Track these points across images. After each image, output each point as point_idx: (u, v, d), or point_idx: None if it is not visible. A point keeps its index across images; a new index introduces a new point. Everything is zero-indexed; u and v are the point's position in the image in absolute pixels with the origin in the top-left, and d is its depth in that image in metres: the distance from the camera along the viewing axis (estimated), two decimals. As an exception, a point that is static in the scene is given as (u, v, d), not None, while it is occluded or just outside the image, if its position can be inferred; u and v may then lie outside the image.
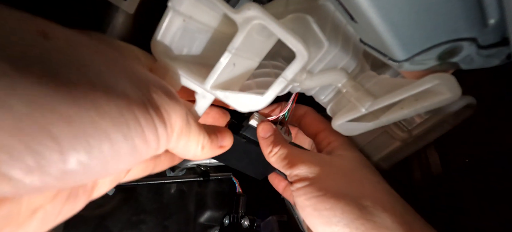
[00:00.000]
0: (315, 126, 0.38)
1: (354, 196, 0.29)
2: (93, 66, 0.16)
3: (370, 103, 0.30)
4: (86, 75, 0.15)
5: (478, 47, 0.23)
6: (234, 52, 0.26)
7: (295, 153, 0.33)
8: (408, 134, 0.37)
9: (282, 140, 0.36)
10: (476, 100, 0.36)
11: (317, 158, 0.33)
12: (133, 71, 0.20)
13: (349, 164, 0.32)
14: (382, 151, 0.39)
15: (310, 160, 0.32)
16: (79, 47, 0.17)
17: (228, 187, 0.58)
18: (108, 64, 0.18)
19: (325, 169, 0.31)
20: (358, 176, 0.31)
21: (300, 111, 0.40)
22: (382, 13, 0.21)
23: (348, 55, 0.31)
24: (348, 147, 0.35)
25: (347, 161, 0.33)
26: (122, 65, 0.19)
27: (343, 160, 0.33)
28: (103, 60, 0.18)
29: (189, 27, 0.27)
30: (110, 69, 0.17)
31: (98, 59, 0.17)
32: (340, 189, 0.29)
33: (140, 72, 0.20)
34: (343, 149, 0.35)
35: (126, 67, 0.19)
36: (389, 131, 0.38)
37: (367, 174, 0.32)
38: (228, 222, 0.52)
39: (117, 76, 0.18)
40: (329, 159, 0.33)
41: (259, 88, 0.32)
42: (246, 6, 0.24)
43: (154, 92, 0.20)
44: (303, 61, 0.27)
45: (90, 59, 0.17)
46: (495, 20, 0.20)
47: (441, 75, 0.24)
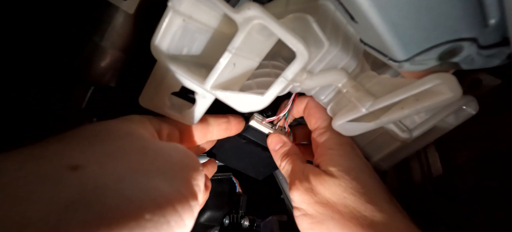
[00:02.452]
0: (311, 122, 0.38)
1: (336, 230, 0.30)
2: (125, 181, 0.17)
3: (371, 104, 0.29)
4: (123, 195, 0.16)
5: (479, 47, 0.23)
6: (234, 52, 0.26)
7: (295, 172, 0.34)
8: (409, 134, 0.37)
9: (290, 152, 0.36)
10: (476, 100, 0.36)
11: (305, 185, 0.33)
12: (162, 164, 0.21)
13: (333, 189, 0.32)
14: (382, 151, 0.39)
15: (302, 188, 0.33)
16: (109, 169, 0.18)
17: (228, 187, 0.58)
18: (137, 169, 0.19)
19: (310, 198, 0.32)
20: (341, 205, 0.31)
21: (302, 104, 0.40)
22: (382, 13, 0.21)
23: (349, 55, 0.31)
24: (338, 157, 0.34)
25: (333, 184, 0.32)
26: (151, 161, 0.20)
27: (329, 183, 0.32)
28: (128, 166, 0.18)
29: (189, 27, 0.27)
30: (143, 174, 0.18)
31: (126, 167, 0.18)
32: (324, 224, 0.30)
33: (168, 160, 0.21)
34: (332, 161, 0.34)
35: (154, 162, 0.20)
36: (389, 131, 0.38)
37: (349, 202, 0.31)
38: (228, 222, 0.52)
39: (152, 178, 0.19)
40: (315, 184, 0.32)
41: (259, 89, 0.32)
42: (246, 6, 0.24)
43: (187, 176, 0.21)
44: (303, 61, 0.27)
45: (118, 176, 0.17)
46: (495, 20, 0.20)
47: (442, 75, 0.24)
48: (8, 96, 0.35)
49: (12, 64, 0.33)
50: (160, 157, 0.21)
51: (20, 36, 0.30)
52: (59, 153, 0.17)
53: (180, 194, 0.19)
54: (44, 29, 0.30)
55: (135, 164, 0.19)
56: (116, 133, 0.22)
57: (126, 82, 0.36)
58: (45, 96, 0.35)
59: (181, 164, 0.22)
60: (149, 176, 0.19)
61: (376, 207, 0.30)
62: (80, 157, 0.17)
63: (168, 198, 0.18)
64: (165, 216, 0.17)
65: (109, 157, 0.18)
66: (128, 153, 0.20)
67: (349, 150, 0.35)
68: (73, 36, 0.31)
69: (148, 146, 0.22)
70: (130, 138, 0.22)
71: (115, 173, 0.18)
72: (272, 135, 0.39)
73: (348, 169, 0.33)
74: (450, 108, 0.35)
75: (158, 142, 0.24)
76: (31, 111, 0.34)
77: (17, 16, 0.30)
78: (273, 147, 0.38)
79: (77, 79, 0.34)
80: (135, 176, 0.18)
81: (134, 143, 0.21)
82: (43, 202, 0.14)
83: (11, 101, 0.35)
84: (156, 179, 0.19)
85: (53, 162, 0.16)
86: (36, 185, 0.15)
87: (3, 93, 0.34)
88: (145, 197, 0.17)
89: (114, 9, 0.31)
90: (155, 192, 0.18)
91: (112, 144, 0.20)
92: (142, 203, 0.17)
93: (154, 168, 0.20)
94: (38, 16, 0.30)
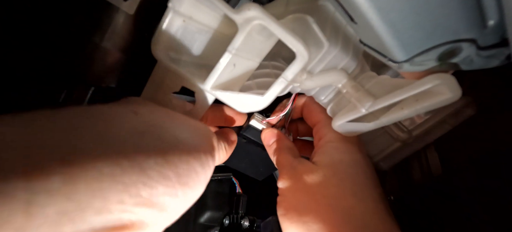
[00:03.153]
0: (312, 117, 0.38)
1: (307, 218, 0.29)
2: (179, 130, 0.25)
3: (371, 104, 0.29)
4: (175, 136, 0.24)
5: (478, 48, 0.23)
6: (234, 53, 0.26)
7: (285, 163, 0.35)
8: (408, 134, 0.37)
9: (283, 146, 0.36)
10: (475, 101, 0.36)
11: (292, 172, 0.33)
12: (196, 127, 0.28)
13: (316, 178, 0.31)
14: (382, 151, 0.39)
15: (287, 176, 0.33)
16: (161, 117, 0.25)
17: (228, 188, 0.58)
18: (183, 125, 0.26)
19: (293, 185, 0.32)
20: (320, 195, 0.30)
21: (300, 103, 0.40)
22: (381, 14, 0.21)
23: (348, 55, 0.31)
24: (330, 149, 0.34)
25: (318, 173, 0.32)
26: (188, 124, 0.27)
27: (314, 172, 0.32)
28: (178, 123, 0.26)
29: (189, 27, 0.27)
30: (185, 129, 0.26)
31: (177, 123, 0.25)
32: (298, 210, 0.30)
33: (198, 127, 0.29)
34: (323, 153, 0.34)
35: (190, 124, 0.27)
36: (389, 132, 0.38)
37: (329, 192, 0.30)
38: (228, 223, 0.52)
39: (192, 133, 0.26)
40: (300, 171, 0.32)
41: (259, 89, 0.32)
42: (246, 7, 0.24)
43: (211, 139, 0.29)
44: (303, 61, 0.27)
45: (170, 124, 0.24)
46: (494, 21, 0.20)
47: (442, 75, 0.24)
48: (8, 96, 0.35)
49: (12, 64, 0.33)
50: (189, 120, 0.28)
51: (20, 36, 0.30)
52: (124, 104, 0.25)
53: (209, 148, 0.27)
54: (44, 30, 0.30)
55: (175, 120, 0.26)
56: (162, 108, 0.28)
57: (126, 83, 0.36)
58: (45, 96, 0.35)
59: (203, 129, 0.29)
60: (192, 134, 0.26)
61: (358, 202, 0.29)
62: (137, 108, 0.24)
63: (201, 147, 0.26)
64: (201, 158, 0.25)
65: (155, 111, 0.25)
66: (176, 117, 0.27)
67: (346, 144, 0.34)
68: (73, 36, 0.31)
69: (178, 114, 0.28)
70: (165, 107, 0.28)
71: (160, 120, 0.24)
72: (266, 130, 0.39)
73: (338, 161, 0.32)
74: (449, 109, 0.35)
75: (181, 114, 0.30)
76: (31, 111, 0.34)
77: (17, 16, 0.30)
78: (267, 142, 0.38)
79: (77, 79, 0.34)
80: (176, 125, 0.25)
81: (180, 116, 0.28)
82: (127, 128, 0.20)
83: (11, 101, 0.35)
84: (193, 135, 0.26)
85: (124, 107, 0.23)
86: (122, 117, 0.21)
87: (3, 93, 0.35)
88: (182, 139, 0.24)
89: (114, 10, 0.31)
90: (194, 142, 0.25)
91: (154, 105, 0.27)
92: (181, 143, 0.23)
93: (193, 130, 0.27)
94: (38, 16, 0.30)
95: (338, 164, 0.32)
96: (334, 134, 0.35)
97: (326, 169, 0.32)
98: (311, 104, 0.39)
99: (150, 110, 0.25)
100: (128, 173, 0.18)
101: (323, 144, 0.35)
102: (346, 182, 0.31)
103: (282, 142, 0.37)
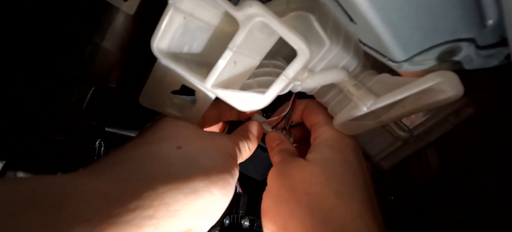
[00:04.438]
0: (311, 118, 0.38)
1: (284, 216, 0.30)
2: (203, 160, 0.29)
3: (372, 102, 0.29)
4: (203, 167, 0.28)
5: (477, 47, 0.23)
6: (235, 50, 0.26)
7: (278, 160, 0.35)
8: (409, 133, 0.37)
9: (284, 148, 0.36)
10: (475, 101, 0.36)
11: (281, 167, 0.33)
12: (223, 149, 0.32)
13: (304, 174, 0.31)
14: (383, 151, 0.39)
15: (275, 171, 0.34)
16: (196, 151, 0.29)
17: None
18: (209, 153, 0.30)
19: (279, 180, 0.32)
20: (302, 192, 0.30)
21: (301, 106, 0.40)
22: (381, 14, 0.21)
23: (349, 54, 0.31)
24: (323, 147, 0.33)
25: (306, 170, 0.31)
26: (217, 149, 0.31)
27: (303, 169, 0.32)
28: (208, 153, 0.30)
29: (189, 25, 0.27)
30: (217, 157, 0.30)
31: (205, 154, 0.30)
32: (277, 207, 0.31)
33: (225, 148, 0.32)
34: (316, 151, 0.33)
35: (219, 149, 0.31)
36: (390, 131, 0.38)
37: (314, 190, 0.30)
38: (229, 223, 0.52)
39: (215, 158, 0.30)
40: (290, 168, 0.32)
41: (260, 87, 0.31)
42: (248, 4, 0.24)
43: (233, 156, 0.32)
44: (304, 59, 0.27)
45: (201, 157, 0.29)
46: (493, 21, 0.20)
47: (444, 73, 0.24)
48: (8, 96, 0.35)
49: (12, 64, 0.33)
50: (215, 142, 0.32)
51: (20, 36, 0.30)
52: (168, 138, 0.30)
53: (229, 169, 0.30)
54: (45, 30, 0.30)
55: (204, 147, 0.30)
56: (189, 128, 0.32)
57: (126, 83, 0.36)
58: (46, 97, 0.35)
59: (230, 148, 0.33)
60: (215, 158, 0.30)
61: (341, 203, 0.28)
62: (179, 142, 0.29)
63: (224, 170, 0.30)
64: (222, 180, 0.29)
65: (192, 141, 0.30)
66: (199, 139, 0.31)
67: (340, 143, 0.33)
68: (74, 37, 0.31)
69: (205, 134, 0.33)
70: (196, 130, 0.32)
71: (198, 151, 0.29)
72: (271, 133, 0.39)
73: (328, 159, 0.32)
74: (450, 108, 0.35)
75: (208, 132, 0.34)
76: (31, 111, 0.34)
77: (17, 16, 0.29)
78: (271, 144, 0.38)
79: (77, 80, 0.34)
80: (207, 153, 0.30)
81: (197, 132, 0.32)
82: (179, 161, 0.27)
83: (11, 101, 0.35)
84: (217, 159, 0.30)
85: (170, 144, 0.29)
86: (170, 154, 0.28)
87: (3, 93, 0.34)
88: (211, 172, 0.28)
89: (114, 10, 0.31)
90: (218, 168, 0.29)
91: (191, 133, 0.31)
92: (212, 173, 0.28)
93: (218, 154, 0.31)
94: (38, 16, 0.30)
95: (328, 162, 0.31)
96: (330, 134, 0.34)
97: (315, 166, 0.31)
98: (310, 106, 0.38)
99: (188, 141, 0.30)
100: (189, 197, 0.25)
101: (318, 142, 0.34)
102: (333, 181, 0.30)
103: (284, 144, 0.37)
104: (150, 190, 0.23)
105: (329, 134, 0.34)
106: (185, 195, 0.25)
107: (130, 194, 0.22)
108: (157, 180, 0.24)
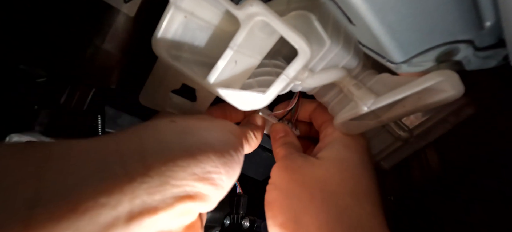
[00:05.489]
0: (320, 118, 0.38)
1: (295, 209, 0.29)
2: (202, 133, 0.27)
3: (372, 102, 0.29)
4: (200, 136, 0.27)
5: (475, 49, 0.23)
6: (236, 49, 0.26)
7: (283, 155, 0.35)
8: (409, 133, 0.37)
9: (288, 141, 0.36)
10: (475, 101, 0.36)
11: (289, 162, 0.33)
12: (225, 127, 0.31)
13: (317, 172, 0.31)
14: (384, 151, 0.39)
15: (282, 165, 0.33)
16: (194, 125, 0.28)
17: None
18: (210, 129, 0.29)
19: (288, 175, 0.32)
20: (316, 189, 0.30)
21: (311, 107, 0.39)
22: (379, 16, 0.21)
23: (350, 53, 0.31)
24: (339, 146, 0.33)
25: (320, 168, 0.31)
26: (219, 126, 0.30)
27: (315, 166, 0.31)
28: (212, 128, 0.29)
29: (190, 24, 0.27)
30: (218, 131, 0.29)
31: (210, 129, 0.28)
32: (287, 200, 0.30)
33: (227, 126, 0.31)
34: (330, 149, 0.33)
35: (220, 126, 0.30)
36: (390, 130, 0.38)
37: (329, 187, 0.30)
38: (229, 223, 0.52)
39: (224, 133, 0.29)
40: (299, 164, 0.32)
41: (260, 87, 0.31)
42: (249, 3, 0.24)
43: (237, 136, 0.31)
44: (305, 58, 0.27)
45: (200, 131, 0.28)
46: (491, 22, 0.20)
47: (444, 72, 0.24)
48: (8, 96, 0.35)
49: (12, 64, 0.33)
50: (225, 126, 0.31)
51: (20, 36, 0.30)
52: (162, 116, 0.31)
53: (239, 142, 0.31)
54: (45, 31, 0.30)
55: (205, 124, 0.29)
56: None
57: (127, 84, 0.36)
58: (46, 96, 0.35)
59: (228, 125, 0.32)
60: (224, 133, 0.29)
61: (356, 204, 0.28)
62: (174, 117, 0.28)
63: (232, 142, 0.29)
64: (233, 150, 0.28)
65: (190, 119, 0.29)
66: (200, 118, 0.31)
67: (356, 142, 0.33)
68: (75, 38, 0.31)
69: (207, 117, 0.32)
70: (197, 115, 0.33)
71: (196, 125, 0.28)
72: (276, 124, 0.38)
73: (345, 159, 0.32)
74: (450, 107, 0.35)
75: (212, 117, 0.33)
76: (32, 112, 0.34)
77: (17, 16, 0.30)
78: (275, 136, 0.38)
79: (78, 81, 0.34)
80: (207, 128, 0.28)
81: (198, 116, 0.32)
82: (172, 131, 0.26)
83: (11, 102, 0.35)
84: (225, 134, 0.29)
85: (164, 118, 0.28)
86: (166, 126, 0.26)
87: (3, 93, 0.34)
88: (213, 138, 0.27)
89: (115, 12, 0.31)
90: (230, 139, 0.29)
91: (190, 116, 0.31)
92: (214, 141, 0.27)
93: (223, 129, 0.30)
94: (38, 17, 0.30)
95: (344, 162, 0.31)
96: (338, 135, 0.34)
97: (330, 165, 0.31)
98: (322, 106, 0.38)
99: (183, 118, 0.29)
100: (183, 158, 0.24)
101: (331, 140, 0.34)
102: (349, 181, 0.30)
103: (289, 137, 0.37)
104: (141, 150, 0.23)
105: (335, 136, 0.34)
106: (178, 157, 0.24)
107: (119, 153, 0.22)
108: (148, 140, 0.24)
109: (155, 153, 0.23)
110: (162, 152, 0.23)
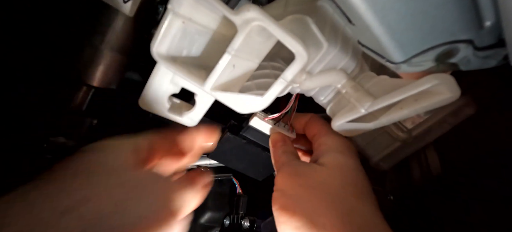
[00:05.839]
0: (313, 129, 0.39)
1: (309, 212, 0.29)
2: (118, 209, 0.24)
3: (370, 104, 0.30)
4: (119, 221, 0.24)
5: (475, 48, 0.23)
6: (233, 54, 0.26)
7: (285, 162, 0.35)
8: (408, 134, 0.37)
9: (288, 150, 0.37)
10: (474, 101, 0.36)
11: (292, 169, 0.34)
12: (142, 193, 0.26)
13: (320, 176, 0.32)
14: (382, 151, 0.39)
15: (287, 172, 0.33)
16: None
17: (228, 188, 0.58)
18: (124, 199, 0.25)
19: (294, 181, 0.32)
20: (323, 192, 0.31)
21: (305, 118, 0.40)
22: (379, 16, 0.21)
23: (348, 55, 0.31)
24: (335, 153, 0.34)
25: (322, 172, 0.32)
26: (133, 191, 0.26)
27: (318, 171, 0.33)
28: (118, 198, 0.25)
29: (188, 29, 0.27)
30: (129, 203, 0.25)
31: (116, 199, 0.25)
32: (299, 205, 0.30)
33: (158, 190, 0.27)
34: (328, 155, 0.34)
35: (135, 192, 0.26)
36: (389, 131, 0.38)
37: (334, 190, 0.31)
38: (229, 223, 0.52)
39: (137, 206, 0.25)
40: (303, 170, 0.33)
41: (258, 90, 0.32)
42: (245, 8, 0.24)
43: (163, 199, 0.27)
44: (302, 62, 0.27)
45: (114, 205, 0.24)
46: (491, 22, 0.20)
47: (440, 75, 0.24)
48: (8, 96, 0.35)
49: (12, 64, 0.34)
50: (140, 187, 0.27)
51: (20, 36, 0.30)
52: (67, 188, 0.24)
53: (170, 215, 0.27)
54: (45, 31, 0.31)
55: (122, 196, 0.25)
56: (101, 168, 0.26)
57: (126, 85, 0.37)
58: (46, 98, 0.35)
59: (156, 191, 0.27)
60: (133, 204, 0.25)
61: (361, 204, 0.30)
62: (87, 192, 0.24)
63: (163, 218, 0.26)
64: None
65: (104, 191, 0.24)
66: (115, 187, 0.25)
67: (350, 150, 0.35)
68: (74, 39, 0.31)
69: (129, 178, 0.27)
70: (116, 173, 0.26)
71: (111, 203, 0.24)
72: (276, 134, 0.39)
73: (344, 164, 0.33)
74: (449, 108, 0.35)
75: (136, 173, 0.28)
76: (32, 113, 0.34)
77: (17, 16, 0.30)
78: (275, 144, 0.38)
79: (78, 81, 0.35)
80: (125, 204, 0.24)
81: (120, 177, 0.26)
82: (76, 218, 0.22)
83: (11, 102, 0.35)
84: (139, 206, 0.25)
85: (71, 196, 0.23)
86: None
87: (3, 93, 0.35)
88: (131, 221, 0.24)
89: (114, 13, 0.31)
90: (139, 216, 0.25)
91: (103, 179, 0.25)
92: (132, 225, 0.24)
93: (135, 197, 0.25)
94: (38, 17, 0.30)
95: (344, 167, 0.33)
96: (338, 140, 0.35)
97: (331, 170, 0.32)
98: (315, 118, 0.39)
99: (101, 192, 0.25)
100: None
101: (326, 148, 0.35)
102: (350, 185, 0.32)
103: (288, 146, 0.38)
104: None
105: (336, 140, 0.36)
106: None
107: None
108: None
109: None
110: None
